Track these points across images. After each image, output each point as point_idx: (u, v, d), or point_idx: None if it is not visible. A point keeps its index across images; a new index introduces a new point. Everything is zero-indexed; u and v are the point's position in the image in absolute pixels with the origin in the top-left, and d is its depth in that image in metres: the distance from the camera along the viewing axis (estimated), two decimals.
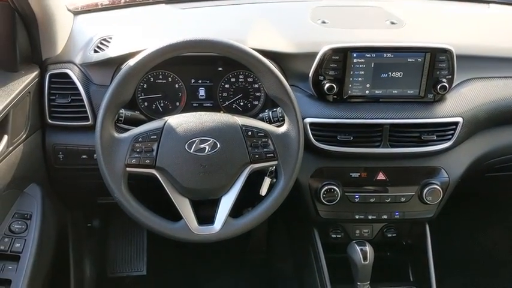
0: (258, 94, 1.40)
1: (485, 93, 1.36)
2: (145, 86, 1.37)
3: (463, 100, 1.32)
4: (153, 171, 1.11)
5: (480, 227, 2.21)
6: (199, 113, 1.16)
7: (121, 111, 1.23)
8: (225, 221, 1.13)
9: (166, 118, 1.14)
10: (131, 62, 1.10)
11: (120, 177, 1.10)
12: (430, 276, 1.47)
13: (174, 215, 1.15)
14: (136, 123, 1.21)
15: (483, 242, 2.18)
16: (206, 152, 1.10)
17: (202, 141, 1.10)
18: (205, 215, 1.19)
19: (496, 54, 1.44)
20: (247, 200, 1.29)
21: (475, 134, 1.37)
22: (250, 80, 1.39)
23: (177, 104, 1.39)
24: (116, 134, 1.12)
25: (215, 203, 1.16)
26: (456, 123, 1.29)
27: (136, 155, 1.10)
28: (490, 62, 1.42)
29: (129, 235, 2.03)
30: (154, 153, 1.10)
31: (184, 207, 1.13)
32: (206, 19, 1.58)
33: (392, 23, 1.50)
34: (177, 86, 1.38)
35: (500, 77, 1.41)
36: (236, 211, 1.20)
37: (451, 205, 1.44)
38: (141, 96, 1.37)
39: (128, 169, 1.10)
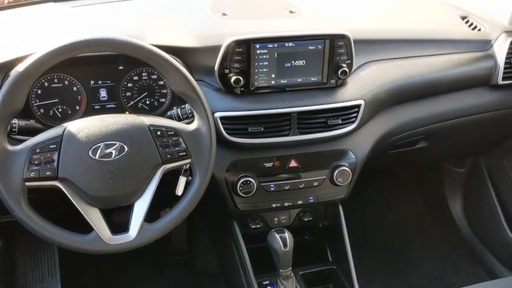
0: (164, 91, 1.36)
1: (383, 74, 1.42)
2: (39, 91, 1.27)
3: (363, 83, 1.38)
4: (56, 183, 1.03)
5: (388, 202, 2.36)
6: (102, 115, 1.09)
7: (14, 121, 1.13)
8: (140, 227, 1.08)
9: (65, 124, 1.06)
10: (20, 67, 1.00)
11: (19, 193, 1.01)
12: (347, 255, 1.53)
13: (85, 227, 1.08)
14: (33, 132, 1.11)
15: (392, 216, 2.33)
16: (113, 156, 1.04)
17: (107, 146, 1.04)
18: (119, 223, 1.14)
19: (390, 36, 1.52)
20: (165, 201, 1.25)
21: (376, 114, 1.44)
22: (154, 77, 1.34)
23: (77, 108, 1.30)
24: (10, 147, 1.02)
25: (129, 209, 1.11)
26: (358, 106, 1.35)
27: (35, 168, 1.01)
28: (385, 45, 1.50)
29: (38, 252, 1.89)
30: (55, 163, 1.02)
31: (95, 217, 1.07)
32: (101, 16, 1.50)
33: (291, 11, 1.53)
34: (75, 88, 1.29)
35: (396, 58, 1.48)
36: (154, 214, 1.16)
37: (361, 184, 1.51)
38: (36, 103, 1.27)
39: (26, 184, 1.01)
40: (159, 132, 1.08)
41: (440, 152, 1.92)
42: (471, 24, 1.68)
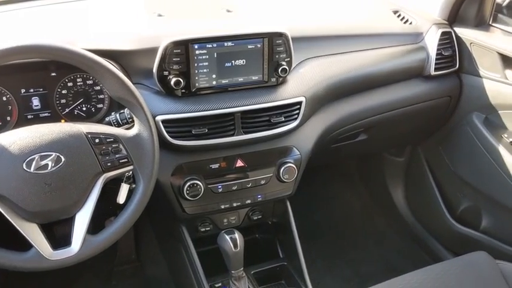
0: (101, 96, 1.31)
1: (321, 70, 1.44)
2: None
3: (303, 80, 1.39)
4: None
5: (333, 194, 2.41)
6: (35, 126, 1.03)
7: None
8: (83, 240, 1.04)
9: None
10: None
11: None
12: (297, 250, 1.54)
13: (25, 244, 1.02)
14: None
15: (338, 208, 2.39)
16: (49, 168, 0.99)
17: (42, 158, 0.98)
18: (61, 237, 1.08)
19: (327, 33, 1.54)
20: (109, 210, 1.21)
21: (318, 110, 1.46)
22: (90, 82, 1.29)
23: (8, 119, 1.23)
24: None
25: (70, 222, 1.06)
26: (300, 103, 1.36)
27: None
28: (322, 41, 1.52)
29: None
30: None
31: (33, 233, 1.01)
32: (29, 21, 1.42)
33: (228, 11, 1.52)
34: (4, 98, 1.22)
35: (334, 54, 1.51)
36: (98, 225, 1.12)
37: (306, 179, 1.53)
38: None
39: None
40: (97, 140, 1.04)
41: (380, 143, 1.99)
42: (403, 18, 1.74)
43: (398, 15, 1.76)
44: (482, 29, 1.66)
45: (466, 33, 1.66)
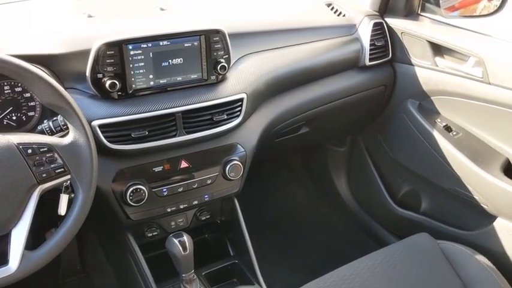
0: (31, 104, 1.24)
1: (260, 66, 1.44)
2: None
3: (243, 76, 1.39)
4: None
5: (279, 188, 2.44)
6: None
7: None
8: (21, 257, 0.98)
9: None
10: None
11: None
12: (247, 246, 1.54)
13: None
14: None
15: (285, 201, 2.41)
16: None
17: None
18: None
19: (264, 28, 1.54)
20: (49, 222, 1.15)
21: (259, 106, 1.46)
22: (18, 89, 1.22)
23: None
24: None
25: (6, 239, 0.99)
26: (241, 100, 1.35)
27: None
28: (260, 36, 1.52)
29: None
30: None
31: None
32: None
33: (162, 9, 1.48)
34: None
35: (271, 49, 1.51)
36: (38, 238, 1.06)
37: (252, 175, 1.53)
38: None
39: None
40: (29, 150, 0.98)
41: (322, 134, 2.02)
42: (336, 10, 1.78)
43: (332, 8, 1.79)
44: (412, 19, 1.72)
45: (396, 24, 1.72)
